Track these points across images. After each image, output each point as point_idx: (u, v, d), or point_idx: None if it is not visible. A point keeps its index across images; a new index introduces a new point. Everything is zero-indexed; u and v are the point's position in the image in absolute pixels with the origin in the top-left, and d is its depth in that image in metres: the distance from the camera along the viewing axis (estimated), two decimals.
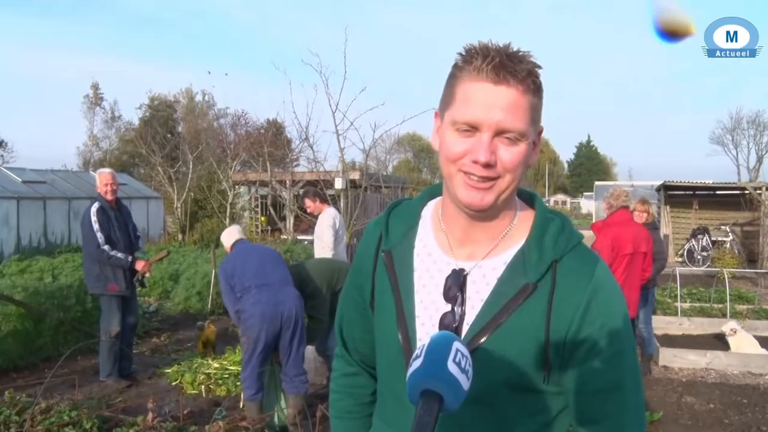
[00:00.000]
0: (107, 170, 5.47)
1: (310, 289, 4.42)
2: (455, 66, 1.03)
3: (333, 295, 4.54)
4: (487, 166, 0.99)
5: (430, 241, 1.14)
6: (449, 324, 1.05)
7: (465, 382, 0.83)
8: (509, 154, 1.00)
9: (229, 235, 4.55)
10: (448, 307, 1.07)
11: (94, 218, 5.11)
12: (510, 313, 1.02)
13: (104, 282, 5.17)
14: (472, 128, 1.00)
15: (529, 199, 1.16)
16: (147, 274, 5.44)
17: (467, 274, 1.08)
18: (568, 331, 1.01)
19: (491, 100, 0.98)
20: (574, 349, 1.02)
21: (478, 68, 0.98)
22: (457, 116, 1.00)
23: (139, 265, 5.25)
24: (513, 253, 1.07)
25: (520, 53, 1.00)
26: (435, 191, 1.21)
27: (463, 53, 1.02)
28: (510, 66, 0.97)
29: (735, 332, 6.56)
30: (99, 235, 5.08)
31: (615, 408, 1.04)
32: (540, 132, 1.08)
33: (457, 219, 1.09)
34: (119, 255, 5.12)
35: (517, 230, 1.09)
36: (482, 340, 1.03)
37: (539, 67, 1.01)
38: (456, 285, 1.06)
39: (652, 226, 6.03)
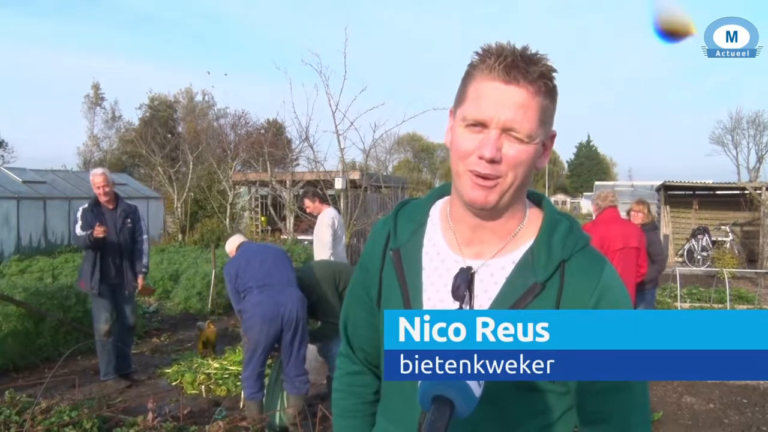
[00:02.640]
0: (98, 170, 5.33)
1: (316, 296, 4.44)
2: (470, 64, 1.05)
3: (338, 296, 4.55)
4: (492, 162, 1.00)
5: (438, 240, 1.15)
6: None
7: (476, 389, 0.83)
8: (515, 152, 1.01)
9: (232, 242, 4.59)
10: (455, 306, 1.07)
11: (78, 215, 5.16)
12: None
13: (79, 277, 5.22)
14: (481, 125, 1.01)
15: (537, 200, 1.17)
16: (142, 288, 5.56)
17: (475, 272, 1.08)
18: None
19: (500, 99, 0.99)
20: None
21: (490, 67, 1.00)
22: (467, 113, 1.02)
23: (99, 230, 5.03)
24: (522, 253, 1.08)
25: (536, 55, 1.01)
26: (444, 190, 1.22)
27: (480, 52, 1.03)
28: (522, 67, 0.98)
29: None
30: (79, 223, 5.10)
31: (622, 408, 1.05)
32: (552, 136, 1.08)
33: (465, 218, 1.10)
34: (79, 233, 5.02)
35: (526, 230, 1.10)
36: None
37: (554, 70, 1.02)
38: (464, 283, 1.07)
39: (651, 226, 6.05)
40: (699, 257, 14.57)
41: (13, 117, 63.31)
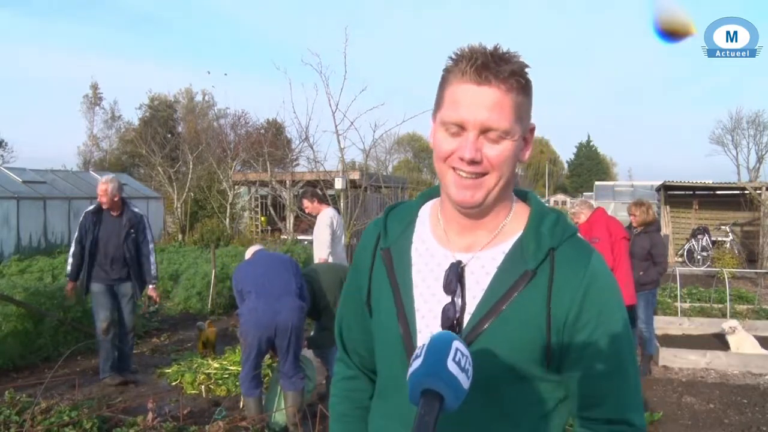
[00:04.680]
0: (105, 178, 5.40)
1: (324, 303, 4.48)
2: (445, 69, 1.08)
3: None
4: (473, 162, 1.03)
5: (427, 236, 1.18)
6: (451, 315, 1.07)
7: (465, 381, 0.84)
8: (495, 151, 1.04)
9: (250, 249, 4.67)
10: (448, 299, 1.09)
11: (80, 221, 5.32)
12: (511, 300, 1.06)
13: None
14: (460, 128, 1.04)
15: (524, 196, 1.20)
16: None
17: (465, 265, 1.11)
18: (568, 317, 1.05)
19: (475, 101, 1.02)
20: (574, 334, 1.06)
21: (462, 70, 1.03)
22: (446, 117, 1.05)
23: (69, 286, 5.33)
24: (511, 244, 1.11)
25: (507, 54, 1.04)
26: (433, 193, 1.26)
27: (453, 56, 1.07)
28: (493, 67, 1.01)
29: (734, 330, 6.56)
30: (75, 234, 5.34)
31: (616, 391, 1.07)
32: (531, 129, 1.12)
33: (454, 215, 1.13)
34: (69, 266, 5.31)
35: (514, 223, 1.13)
36: (484, 327, 1.06)
37: (526, 66, 1.05)
38: (455, 277, 1.09)
39: (655, 228, 6.06)
40: (699, 257, 14.57)
41: (13, 117, 63.32)
